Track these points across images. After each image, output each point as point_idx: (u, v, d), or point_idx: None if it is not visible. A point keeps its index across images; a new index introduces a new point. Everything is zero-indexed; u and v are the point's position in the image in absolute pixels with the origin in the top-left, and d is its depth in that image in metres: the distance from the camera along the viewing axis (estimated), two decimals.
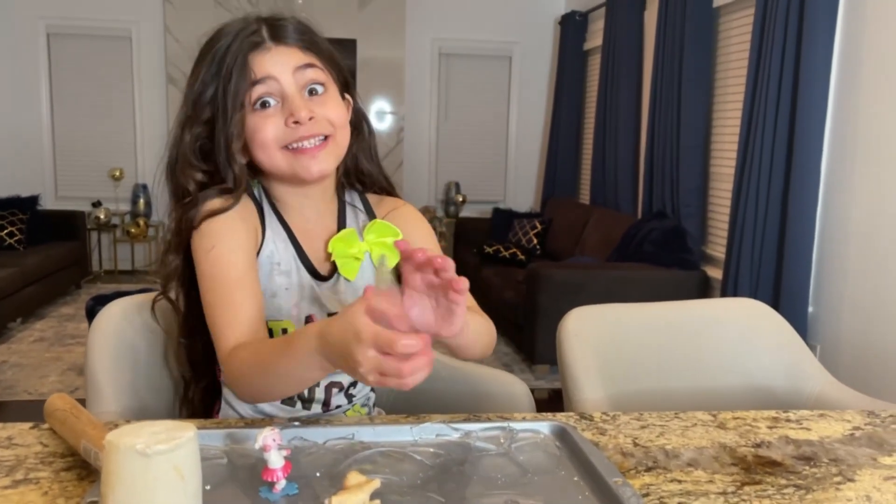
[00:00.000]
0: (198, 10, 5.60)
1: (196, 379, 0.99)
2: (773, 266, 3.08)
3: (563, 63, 5.73)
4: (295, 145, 0.90)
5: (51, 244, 5.09)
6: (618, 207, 4.74)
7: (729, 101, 3.79)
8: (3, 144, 5.71)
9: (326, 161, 0.92)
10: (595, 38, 5.41)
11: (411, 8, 5.86)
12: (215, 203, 0.90)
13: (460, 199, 6.06)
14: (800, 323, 2.95)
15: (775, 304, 3.02)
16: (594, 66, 5.47)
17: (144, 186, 5.80)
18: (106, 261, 5.90)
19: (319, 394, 0.98)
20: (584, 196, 5.62)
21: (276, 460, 0.63)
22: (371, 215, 1.04)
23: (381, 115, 5.89)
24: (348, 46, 5.66)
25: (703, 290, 3.69)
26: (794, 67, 2.94)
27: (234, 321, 0.84)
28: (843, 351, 2.86)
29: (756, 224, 3.12)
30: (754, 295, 3.12)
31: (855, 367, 2.78)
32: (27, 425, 0.77)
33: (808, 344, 2.98)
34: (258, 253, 0.94)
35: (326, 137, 0.92)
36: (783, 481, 0.71)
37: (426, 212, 5.84)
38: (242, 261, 0.89)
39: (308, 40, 0.93)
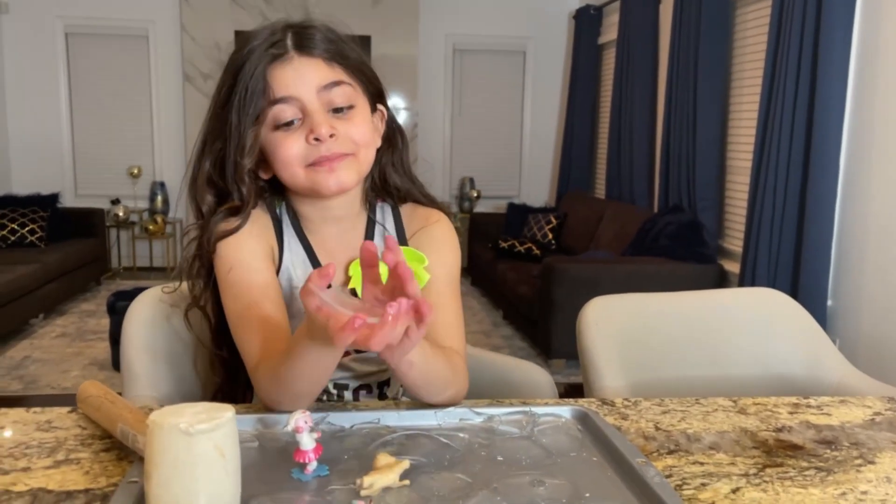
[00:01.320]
0: (214, 8, 5.64)
1: (229, 382, 1.00)
2: (791, 260, 3.07)
3: (578, 57, 5.72)
4: (315, 162, 0.87)
5: (71, 241, 5.16)
6: (633, 201, 4.74)
7: (745, 94, 3.77)
8: (24, 143, 5.79)
9: (346, 174, 0.88)
10: (610, 31, 5.40)
11: (425, 4, 5.88)
12: (224, 226, 0.90)
13: (475, 195, 6.08)
14: (819, 317, 2.93)
15: (794, 298, 3.01)
16: (609, 60, 5.46)
17: (162, 184, 5.87)
18: (125, 257, 5.97)
19: (349, 396, 0.99)
20: (600, 190, 5.61)
21: (307, 442, 0.65)
22: (400, 233, 1.00)
23: (394, 112, 5.91)
24: (362, 43, 5.65)
25: (719, 284, 3.68)
26: (811, 59, 2.93)
27: (255, 340, 0.85)
28: (863, 344, 2.85)
29: (774, 218, 3.11)
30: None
31: (874, 361, 2.77)
32: (65, 409, 0.80)
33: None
34: (278, 271, 0.93)
35: (347, 154, 0.88)
36: (804, 464, 0.72)
37: (440, 206, 5.85)
38: (260, 280, 0.88)
39: (335, 50, 0.89)
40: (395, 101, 5.95)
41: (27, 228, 5.01)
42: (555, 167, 6.24)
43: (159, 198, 5.83)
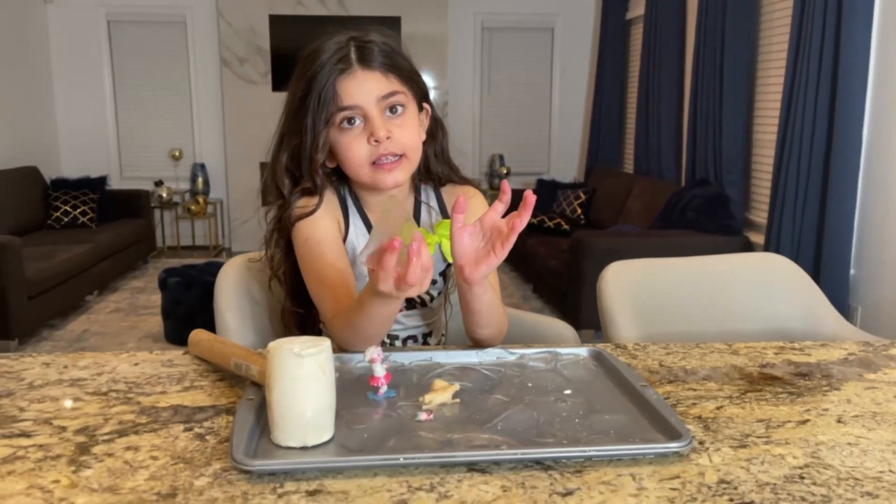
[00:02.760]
0: None
1: (301, 335, 1.20)
2: (815, 230, 3.15)
3: (606, 33, 5.78)
4: (376, 162, 1.07)
5: (119, 222, 5.39)
6: (661, 176, 4.82)
7: (772, 68, 3.84)
8: (71, 128, 6.04)
9: (400, 175, 1.08)
10: (637, 7, 5.45)
11: None
12: (302, 207, 1.10)
13: (504, 171, 6.20)
14: (841, 285, 3.02)
15: (817, 267, 3.10)
16: (636, 35, 5.52)
17: (202, 165, 6.08)
18: (169, 237, 6.23)
19: (399, 344, 1.20)
20: (628, 165, 5.70)
21: (380, 370, 0.83)
22: (443, 210, 1.21)
23: None
24: (392, 23, 5.81)
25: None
26: (835, 31, 2.99)
27: (330, 295, 1.05)
28: (884, 311, 2.94)
29: (798, 189, 3.19)
30: (795, 258, 3.20)
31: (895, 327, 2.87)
32: (180, 351, 0.99)
33: (850, 306, 3.07)
34: (344, 241, 1.14)
35: (400, 157, 1.08)
36: (779, 390, 0.88)
37: (469, 181, 5.99)
38: (332, 247, 1.09)
39: (390, 63, 1.08)
40: (426, 80, 6.03)
41: (79, 210, 5.26)
42: (583, 143, 6.34)
43: (200, 179, 6.04)
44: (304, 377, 0.70)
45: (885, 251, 2.95)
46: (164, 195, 5.93)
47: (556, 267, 4.13)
